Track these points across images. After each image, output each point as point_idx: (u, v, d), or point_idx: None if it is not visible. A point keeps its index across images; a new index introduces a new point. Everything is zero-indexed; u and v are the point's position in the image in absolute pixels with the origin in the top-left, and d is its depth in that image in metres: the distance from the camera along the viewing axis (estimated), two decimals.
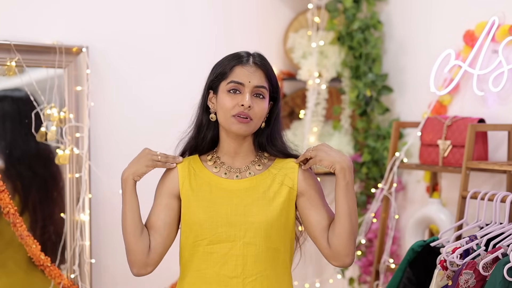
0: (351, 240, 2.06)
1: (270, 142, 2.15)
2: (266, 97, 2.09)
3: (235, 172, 2.13)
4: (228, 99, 2.07)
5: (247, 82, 2.07)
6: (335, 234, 2.06)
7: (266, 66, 2.11)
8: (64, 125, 3.02)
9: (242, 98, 2.06)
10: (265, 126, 2.15)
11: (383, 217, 3.32)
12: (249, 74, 2.08)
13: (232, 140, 2.12)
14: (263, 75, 2.09)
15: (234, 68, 2.09)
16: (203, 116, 2.16)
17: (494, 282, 2.18)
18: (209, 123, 2.15)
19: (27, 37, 2.96)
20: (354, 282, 3.64)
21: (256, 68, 2.09)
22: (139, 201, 2.12)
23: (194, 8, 3.48)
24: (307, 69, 3.66)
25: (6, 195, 2.81)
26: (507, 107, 2.91)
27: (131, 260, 2.11)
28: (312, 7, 3.65)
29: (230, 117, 2.07)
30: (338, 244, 2.05)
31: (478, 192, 2.62)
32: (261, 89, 2.08)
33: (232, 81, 2.08)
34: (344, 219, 2.05)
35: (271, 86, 2.12)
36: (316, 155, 2.06)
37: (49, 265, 2.93)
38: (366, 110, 3.54)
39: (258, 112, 2.07)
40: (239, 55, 2.12)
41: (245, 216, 2.06)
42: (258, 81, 2.08)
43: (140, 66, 3.30)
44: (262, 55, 2.14)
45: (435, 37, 3.30)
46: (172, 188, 2.13)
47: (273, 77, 2.12)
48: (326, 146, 2.07)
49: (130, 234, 2.09)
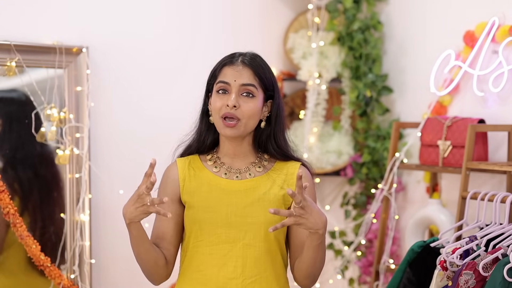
0: (310, 279, 2.08)
1: (273, 141, 2.13)
2: (256, 96, 2.07)
3: (235, 173, 2.13)
4: (217, 100, 2.07)
5: (233, 81, 2.06)
6: (297, 267, 2.08)
7: (255, 64, 2.08)
8: (64, 126, 3.02)
9: (228, 98, 2.05)
10: (266, 125, 2.14)
11: (383, 218, 3.32)
12: (235, 73, 2.06)
13: (230, 142, 2.12)
14: (251, 73, 2.07)
15: (223, 69, 2.09)
16: (203, 119, 2.16)
17: (494, 282, 2.18)
18: (209, 126, 2.15)
19: (27, 37, 2.95)
20: (354, 282, 3.64)
21: (243, 66, 2.07)
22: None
23: (194, 9, 3.48)
24: (307, 70, 3.66)
25: (6, 195, 2.81)
26: (507, 107, 2.91)
27: (152, 279, 2.11)
28: (312, 8, 3.65)
29: (219, 118, 2.07)
30: (297, 275, 2.09)
31: (478, 193, 2.62)
32: (249, 87, 2.06)
33: (219, 81, 2.08)
34: (308, 264, 2.04)
35: (263, 84, 2.09)
36: (298, 221, 1.89)
37: (49, 266, 2.93)
38: (366, 110, 3.54)
39: (246, 111, 2.05)
40: (231, 56, 2.12)
41: (245, 217, 2.06)
42: (245, 79, 2.06)
43: (140, 66, 3.30)
44: (254, 54, 2.12)
45: (435, 37, 3.30)
46: (174, 193, 2.12)
47: (265, 74, 2.09)
48: (311, 207, 1.90)
49: (146, 263, 2.06)
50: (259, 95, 2.08)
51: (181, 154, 2.20)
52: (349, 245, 3.59)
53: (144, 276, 2.11)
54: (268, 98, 2.12)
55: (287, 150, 2.16)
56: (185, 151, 2.19)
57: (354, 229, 3.61)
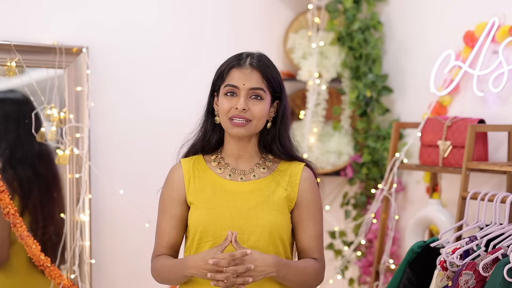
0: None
1: (278, 141, 2.13)
2: (265, 98, 2.08)
3: (240, 174, 2.12)
4: (225, 102, 2.07)
5: (242, 85, 2.06)
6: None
7: (263, 67, 2.08)
8: (64, 126, 3.02)
9: (237, 101, 2.05)
10: (272, 125, 2.14)
11: (383, 218, 3.32)
12: (244, 76, 2.06)
13: (236, 142, 2.12)
14: (259, 76, 2.07)
15: (231, 71, 2.08)
16: (208, 119, 2.16)
17: (494, 282, 2.18)
18: (215, 126, 2.15)
19: (27, 37, 2.95)
20: (354, 282, 3.64)
21: (251, 69, 2.07)
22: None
23: (194, 9, 3.48)
24: (307, 70, 3.66)
25: (6, 195, 2.81)
26: (507, 107, 2.91)
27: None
28: (312, 8, 3.65)
29: (227, 119, 2.07)
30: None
31: (478, 193, 2.62)
32: (258, 91, 2.07)
33: (228, 84, 2.08)
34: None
35: (271, 86, 2.10)
36: (247, 280, 1.96)
37: (49, 266, 2.93)
38: (366, 110, 3.54)
39: (256, 113, 2.06)
40: (239, 57, 2.11)
41: (249, 219, 2.05)
42: (254, 83, 2.06)
43: (140, 66, 3.30)
44: (262, 56, 2.12)
45: (435, 37, 3.30)
46: (180, 197, 2.12)
47: (272, 77, 2.09)
48: (252, 259, 1.97)
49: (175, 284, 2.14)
50: (267, 97, 2.09)
51: (186, 154, 2.20)
52: (349, 245, 3.59)
53: (157, 281, 2.15)
54: (274, 99, 2.13)
55: (292, 150, 2.17)
56: (190, 150, 2.19)
57: (354, 229, 3.61)
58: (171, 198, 2.13)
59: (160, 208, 2.15)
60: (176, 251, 2.15)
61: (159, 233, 2.14)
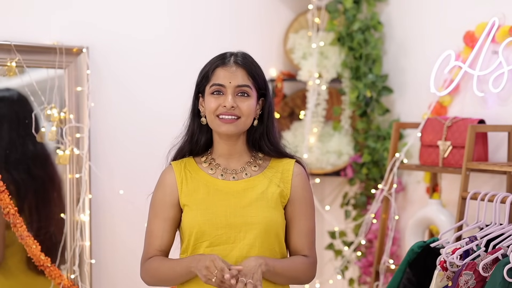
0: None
1: (266, 138, 2.15)
2: (251, 95, 2.09)
3: (232, 173, 2.13)
4: (212, 101, 2.08)
5: (228, 83, 2.07)
6: None
7: (248, 64, 2.10)
8: (64, 126, 3.02)
9: (224, 99, 2.06)
10: (258, 123, 2.15)
11: (383, 218, 3.32)
12: (230, 74, 2.08)
13: (225, 141, 2.13)
14: (245, 74, 2.09)
15: (216, 70, 2.10)
16: (194, 120, 2.17)
17: (494, 283, 2.18)
18: (201, 127, 2.16)
19: (27, 37, 2.95)
20: (354, 282, 3.64)
21: (237, 67, 2.09)
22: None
23: (194, 9, 3.48)
24: (307, 70, 3.66)
25: (6, 195, 2.81)
26: (507, 108, 2.91)
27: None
28: (312, 8, 3.65)
29: (214, 118, 2.08)
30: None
31: (478, 193, 2.62)
32: (244, 88, 2.08)
33: (214, 83, 2.09)
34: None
35: (256, 83, 2.11)
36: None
37: (49, 266, 2.93)
38: (366, 111, 3.54)
39: (245, 110, 2.07)
40: (222, 56, 2.12)
41: (244, 217, 2.06)
42: (240, 80, 2.08)
43: (140, 66, 3.30)
44: (245, 54, 2.14)
45: (435, 38, 3.30)
46: (173, 199, 2.13)
47: (257, 74, 2.11)
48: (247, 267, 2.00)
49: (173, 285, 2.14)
50: (253, 94, 2.11)
51: (174, 157, 2.20)
52: (349, 245, 3.59)
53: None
54: (260, 97, 2.14)
55: (280, 146, 2.18)
56: (178, 154, 2.20)
57: (354, 229, 3.61)
58: (163, 201, 2.13)
59: (151, 212, 2.15)
60: (167, 254, 2.15)
61: (150, 237, 2.14)
